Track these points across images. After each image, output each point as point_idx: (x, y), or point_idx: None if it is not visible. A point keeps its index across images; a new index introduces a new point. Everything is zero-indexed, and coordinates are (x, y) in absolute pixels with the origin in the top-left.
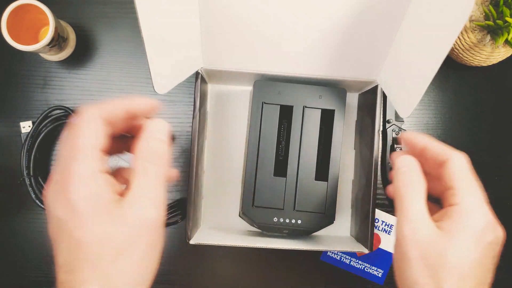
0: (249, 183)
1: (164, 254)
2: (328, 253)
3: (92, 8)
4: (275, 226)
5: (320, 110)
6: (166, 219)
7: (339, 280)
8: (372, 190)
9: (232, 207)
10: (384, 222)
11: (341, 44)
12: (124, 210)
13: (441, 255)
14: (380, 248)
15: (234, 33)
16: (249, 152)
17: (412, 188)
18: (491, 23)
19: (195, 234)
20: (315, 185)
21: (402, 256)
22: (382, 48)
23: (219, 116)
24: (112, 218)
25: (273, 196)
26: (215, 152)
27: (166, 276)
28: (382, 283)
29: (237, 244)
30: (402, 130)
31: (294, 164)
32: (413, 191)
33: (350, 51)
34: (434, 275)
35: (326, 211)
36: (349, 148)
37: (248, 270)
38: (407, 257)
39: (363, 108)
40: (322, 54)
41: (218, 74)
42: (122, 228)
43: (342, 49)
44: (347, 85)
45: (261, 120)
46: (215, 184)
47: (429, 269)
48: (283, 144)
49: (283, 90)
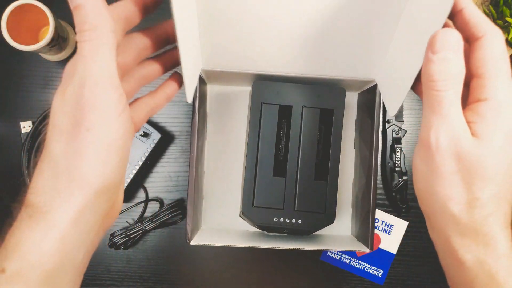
0: (249, 183)
1: (164, 254)
2: (328, 253)
3: None
4: (276, 226)
5: (319, 109)
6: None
7: (339, 280)
8: (372, 189)
9: (233, 208)
10: (384, 222)
11: (340, 44)
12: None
13: (479, 167)
14: (380, 248)
15: (232, 34)
16: (248, 153)
17: (455, 85)
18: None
19: (196, 235)
20: (315, 184)
21: (433, 169)
22: (380, 47)
23: (218, 116)
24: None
25: (273, 196)
26: (215, 152)
27: (166, 276)
28: (382, 283)
29: (238, 244)
30: (402, 130)
31: (293, 164)
32: (456, 90)
33: (348, 50)
34: (470, 188)
35: (326, 210)
36: (349, 148)
37: (248, 270)
38: (441, 170)
39: (363, 107)
40: (321, 54)
41: (217, 74)
42: None
43: (341, 48)
44: (346, 84)
45: (260, 120)
46: (215, 185)
47: (464, 181)
48: (283, 144)
49: (282, 90)
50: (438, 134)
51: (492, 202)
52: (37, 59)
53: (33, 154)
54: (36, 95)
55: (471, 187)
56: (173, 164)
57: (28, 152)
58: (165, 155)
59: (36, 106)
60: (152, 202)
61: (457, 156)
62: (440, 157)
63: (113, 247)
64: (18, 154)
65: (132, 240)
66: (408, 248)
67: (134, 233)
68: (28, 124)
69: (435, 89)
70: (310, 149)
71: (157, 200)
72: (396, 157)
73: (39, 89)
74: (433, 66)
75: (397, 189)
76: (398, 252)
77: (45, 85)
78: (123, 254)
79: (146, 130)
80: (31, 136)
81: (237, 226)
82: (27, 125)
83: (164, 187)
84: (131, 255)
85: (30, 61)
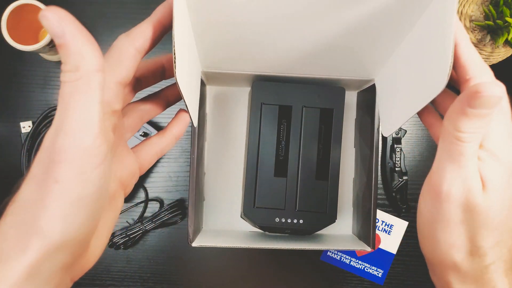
0: (250, 184)
1: (164, 254)
2: (328, 253)
3: (92, 8)
4: (277, 226)
5: (319, 109)
6: (166, 219)
7: (339, 280)
8: (373, 188)
9: (234, 208)
10: (384, 222)
11: (343, 47)
12: None
13: (486, 218)
14: (380, 248)
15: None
16: (249, 153)
17: (479, 138)
18: (491, 23)
19: (197, 236)
20: (316, 184)
21: (438, 217)
22: (384, 53)
23: (218, 117)
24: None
25: (274, 196)
26: (215, 153)
27: (166, 276)
28: (382, 283)
29: (239, 245)
30: (402, 130)
31: (294, 164)
32: (478, 142)
33: (351, 53)
34: (473, 237)
35: (328, 210)
36: (349, 147)
37: (248, 270)
38: (447, 219)
39: (362, 106)
40: (321, 56)
41: (216, 76)
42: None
43: (344, 52)
44: (345, 83)
45: (260, 121)
46: (216, 186)
47: (469, 231)
48: (283, 144)
49: (282, 90)
50: (452, 184)
51: (494, 250)
52: (37, 59)
53: (33, 154)
54: (36, 95)
55: (475, 236)
56: (173, 164)
57: (28, 152)
58: (165, 155)
59: (36, 106)
60: (152, 202)
61: (465, 207)
62: (448, 206)
63: (113, 247)
64: (18, 154)
65: (132, 240)
66: (408, 248)
67: (134, 233)
68: (28, 124)
69: (460, 139)
70: (310, 149)
71: (157, 200)
72: (396, 157)
73: (39, 89)
74: (465, 119)
75: (397, 189)
76: (398, 252)
77: (45, 85)
78: (123, 254)
79: (146, 130)
80: (31, 136)
81: (238, 226)
82: (27, 125)
83: (164, 187)
84: (131, 255)
85: (30, 61)
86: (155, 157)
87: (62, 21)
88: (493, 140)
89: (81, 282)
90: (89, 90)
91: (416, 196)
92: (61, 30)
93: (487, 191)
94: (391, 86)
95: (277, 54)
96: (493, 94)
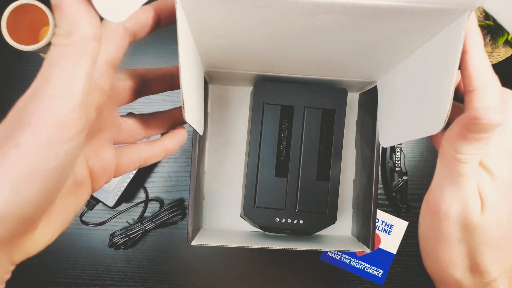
0: (250, 183)
1: (164, 254)
2: (328, 253)
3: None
4: (277, 226)
5: (321, 110)
6: (166, 219)
7: (339, 280)
8: (374, 189)
9: (234, 208)
10: (384, 222)
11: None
12: None
13: (485, 236)
14: (380, 248)
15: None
16: (250, 153)
17: (479, 159)
18: (491, 23)
19: (197, 235)
20: (317, 185)
21: (438, 235)
22: (389, 63)
23: (220, 116)
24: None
25: (275, 196)
26: (216, 153)
27: (166, 276)
28: (382, 283)
29: (238, 245)
30: None
31: (295, 164)
32: (477, 162)
33: (356, 60)
34: (473, 254)
35: (328, 211)
36: (350, 148)
37: (248, 270)
38: (446, 237)
39: (364, 107)
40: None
41: (219, 75)
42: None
43: (348, 58)
44: (347, 85)
45: (262, 120)
46: (216, 185)
47: (469, 249)
48: (284, 144)
49: (284, 91)
50: (450, 204)
51: (496, 266)
52: (37, 59)
53: None
54: None
55: (474, 253)
56: (173, 164)
57: None
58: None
59: None
60: (152, 202)
61: (464, 226)
62: (447, 225)
63: (113, 247)
64: None
65: (132, 240)
66: (408, 248)
67: (134, 233)
68: None
69: (460, 160)
70: (311, 149)
71: (157, 200)
72: (396, 157)
73: None
74: (464, 142)
75: (397, 189)
76: (398, 252)
77: None
78: (123, 254)
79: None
80: None
81: (238, 226)
82: None
83: (164, 187)
84: (131, 255)
85: (30, 61)
86: (137, 164)
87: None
88: (491, 157)
89: (81, 282)
90: (78, 58)
91: (416, 196)
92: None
93: (485, 209)
94: (391, 97)
95: (280, 56)
96: (492, 122)
